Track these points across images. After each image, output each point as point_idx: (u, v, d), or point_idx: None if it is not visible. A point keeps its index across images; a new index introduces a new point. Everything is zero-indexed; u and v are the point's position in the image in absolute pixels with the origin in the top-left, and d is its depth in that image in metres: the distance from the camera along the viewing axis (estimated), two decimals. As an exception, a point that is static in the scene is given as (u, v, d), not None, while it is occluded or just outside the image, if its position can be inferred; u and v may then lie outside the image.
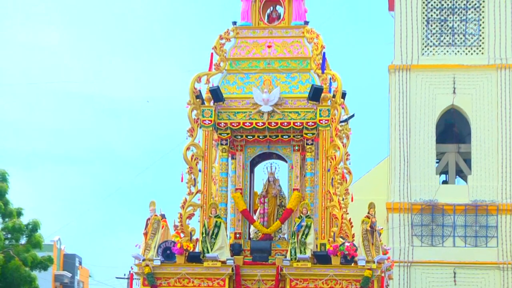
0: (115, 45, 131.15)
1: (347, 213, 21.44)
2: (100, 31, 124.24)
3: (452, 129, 41.50)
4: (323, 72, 20.87)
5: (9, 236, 36.92)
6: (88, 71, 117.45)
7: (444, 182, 41.48)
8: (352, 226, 21.08)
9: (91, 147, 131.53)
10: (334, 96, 20.70)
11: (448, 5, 40.86)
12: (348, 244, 19.87)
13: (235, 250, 20.31)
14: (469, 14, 40.72)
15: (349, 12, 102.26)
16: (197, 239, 20.60)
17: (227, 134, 20.95)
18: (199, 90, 20.94)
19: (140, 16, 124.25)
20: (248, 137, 21.20)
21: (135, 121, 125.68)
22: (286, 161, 21.49)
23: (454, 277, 38.90)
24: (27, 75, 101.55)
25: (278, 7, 21.92)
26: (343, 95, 21.34)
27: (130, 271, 22.25)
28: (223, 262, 19.91)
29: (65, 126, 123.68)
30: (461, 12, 40.84)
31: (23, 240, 37.44)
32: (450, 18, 40.87)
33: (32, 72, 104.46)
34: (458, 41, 40.74)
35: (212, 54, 21.36)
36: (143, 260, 20.18)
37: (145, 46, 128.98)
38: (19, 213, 37.64)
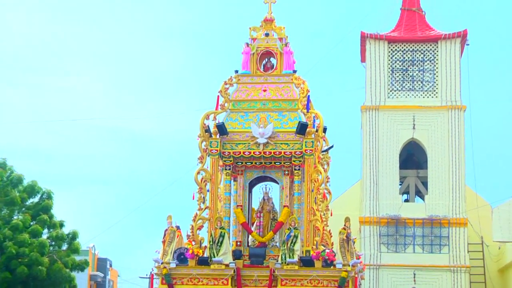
0: (136, 86, 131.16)
1: (327, 226, 21.30)
2: (121, 75, 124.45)
3: (412, 157, 41.60)
4: (307, 111, 20.92)
5: (53, 243, 36.71)
6: (113, 108, 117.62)
7: (406, 200, 41.42)
8: (331, 236, 20.84)
9: (118, 172, 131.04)
10: (317, 130, 20.70)
11: (409, 57, 41.08)
12: (328, 250, 19.85)
13: (236, 255, 20.17)
14: (426, 65, 40.89)
15: (329, 63, 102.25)
16: (205, 246, 20.52)
17: (230, 161, 20.84)
18: (208, 125, 20.90)
19: (157, 63, 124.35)
20: (247, 163, 21.12)
21: (154, 150, 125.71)
22: (277, 183, 21.38)
23: (414, 277, 38.93)
24: (62, 113, 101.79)
25: (272, 59, 21.87)
26: (324, 130, 21.39)
27: (151, 272, 21.95)
28: (227, 265, 19.86)
29: (97, 153, 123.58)
30: (419, 63, 41.06)
31: (64, 247, 37.25)
32: (411, 68, 41.08)
33: (68, 111, 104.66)
34: (417, 87, 40.91)
35: (218, 96, 21.42)
36: (162, 263, 20.15)
37: (162, 88, 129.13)
38: (61, 225, 37.41)
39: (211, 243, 20.15)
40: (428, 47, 40.97)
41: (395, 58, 41.19)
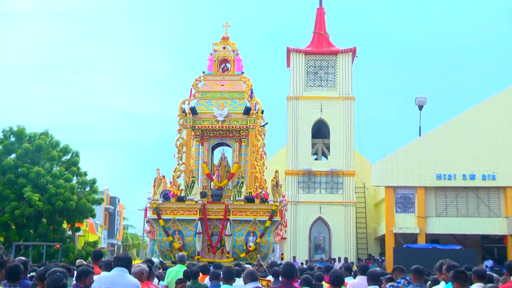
0: (138, 83, 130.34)
1: (263, 176, 21.35)
2: (128, 75, 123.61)
3: (320, 131, 41.87)
4: (251, 99, 20.91)
5: (79, 186, 36.70)
6: (124, 96, 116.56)
7: (316, 159, 41.61)
8: (266, 183, 20.92)
9: (127, 140, 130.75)
10: (257, 112, 20.69)
11: (318, 65, 41.24)
12: (264, 192, 19.99)
13: (203, 195, 20.27)
14: (329, 70, 41.08)
15: (266, 67, 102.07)
16: (182, 189, 20.63)
17: (199, 132, 20.94)
18: (184, 108, 20.84)
19: (153, 67, 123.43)
20: (211, 134, 21.16)
21: (152, 125, 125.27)
22: (231, 147, 21.49)
23: (320, 210, 39.17)
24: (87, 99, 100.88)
25: (227, 64, 21.80)
26: (262, 112, 21.45)
27: (145, 206, 21.77)
28: (196, 202, 20.01)
29: (110, 128, 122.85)
30: (325, 68, 41.23)
31: (87, 189, 37.17)
32: (319, 72, 41.18)
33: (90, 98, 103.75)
34: (323, 84, 41.06)
35: (191, 89, 21.41)
36: (152, 200, 20.21)
37: (156, 84, 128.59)
38: (85, 174, 37.46)
39: (186, 187, 20.26)
40: (331, 58, 41.09)
41: (309, 64, 41.22)
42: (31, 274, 11.54)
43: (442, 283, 9.76)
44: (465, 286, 8.37)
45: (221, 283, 10.12)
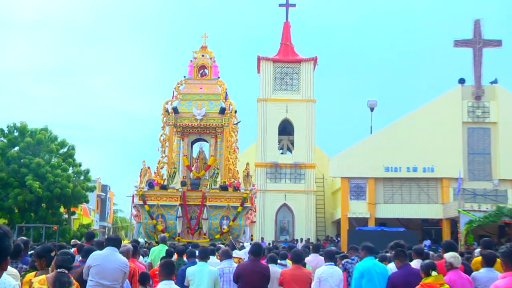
0: (131, 85, 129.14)
1: (236, 167, 21.41)
2: (124, 77, 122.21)
3: (286, 129, 41.66)
4: (226, 101, 20.75)
5: (75, 175, 36.53)
6: (121, 96, 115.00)
7: (281, 153, 41.59)
8: (238, 173, 20.91)
9: (118, 135, 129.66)
10: (231, 112, 20.54)
11: (284, 71, 41.13)
12: (236, 181, 19.92)
13: (183, 184, 20.30)
14: (294, 76, 41.01)
15: (239, 72, 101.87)
16: (164, 179, 20.48)
17: (180, 129, 20.86)
18: (167, 108, 20.68)
19: (145, 71, 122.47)
20: (190, 130, 21.19)
21: (142, 122, 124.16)
22: (208, 142, 21.39)
23: (285, 197, 39.17)
24: (85, 99, 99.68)
25: (205, 69, 21.74)
26: (235, 112, 21.41)
27: (133, 193, 21.65)
28: (177, 189, 20.09)
29: (104, 125, 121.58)
30: (290, 75, 41.12)
31: (82, 178, 36.87)
32: (285, 77, 41.09)
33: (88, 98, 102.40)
34: (289, 88, 40.99)
35: (174, 91, 21.25)
36: (139, 188, 20.19)
37: (144, 85, 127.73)
38: (80, 165, 37.22)
39: (168, 176, 20.22)
40: (295, 65, 41.05)
41: (277, 71, 41.12)
42: (31, 252, 11.56)
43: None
44: (405, 261, 8.58)
45: (197, 260, 10.15)
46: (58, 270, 6.15)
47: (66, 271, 6.19)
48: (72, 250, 11.54)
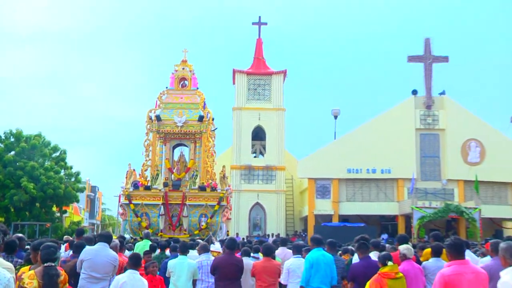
0: (122, 91, 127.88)
1: (213, 169, 21.28)
2: (116, 84, 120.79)
3: (258, 134, 41.70)
4: (204, 109, 20.67)
5: (67, 177, 36.15)
6: (112, 103, 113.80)
7: (255, 156, 41.61)
8: (215, 175, 20.82)
9: (107, 139, 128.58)
10: (208, 119, 20.46)
11: (257, 83, 41.24)
12: (213, 182, 19.84)
13: (165, 185, 20.03)
14: (265, 87, 41.14)
15: (216, 83, 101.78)
16: (148, 180, 20.25)
17: (163, 135, 20.63)
18: (151, 116, 20.50)
19: (135, 79, 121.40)
20: (172, 136, 20.86)
21: (129, 128, 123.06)
22: (187, 147, 21.20)
23: (258, 197, 39.18)
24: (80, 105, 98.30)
25: (185, 81, 21.58)
26: (213, 119, 21.31)
27: (119, 193, 21.43)
28: (160, 190, 19.77)
29: (97, 131, 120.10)
30: (262, 86, 41.19)
31: (73, 179, 36.51)
32: (258, 88, 41.19)
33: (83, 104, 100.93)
34: (261, 98, 41.09)
35: (156, 100, 21.06)
36: (125, 188, 19.83)
37: (132, 93, 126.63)
38: (71, 168, 36.82)
39: (151, 178, 20.03)
40: (267, 77, 41.17)
41: (250, 82, 41.19)
42: (27, 247, 11.46)
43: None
44: (366, 254, 8.70)
45: (178, 254, 10.14)
46: (45, 264, 6.06)
47: (53, 264, 6.11)
48: (64, 245, 11.51)
